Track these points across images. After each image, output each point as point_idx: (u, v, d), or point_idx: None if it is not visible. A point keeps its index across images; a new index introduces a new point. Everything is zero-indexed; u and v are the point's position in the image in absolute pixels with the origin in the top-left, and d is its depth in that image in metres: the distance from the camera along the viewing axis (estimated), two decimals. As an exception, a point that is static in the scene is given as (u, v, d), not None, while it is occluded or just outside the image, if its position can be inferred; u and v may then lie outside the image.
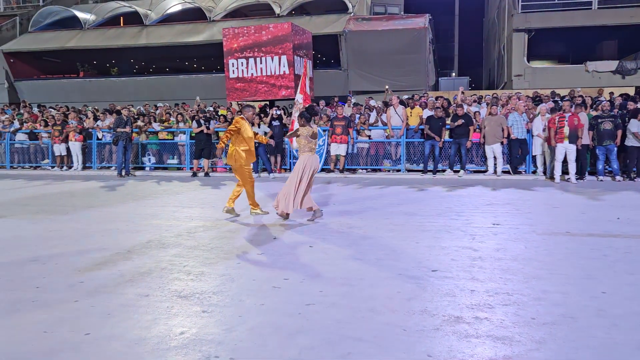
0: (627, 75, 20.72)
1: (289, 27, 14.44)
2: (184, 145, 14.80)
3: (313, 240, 6.01)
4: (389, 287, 4.23)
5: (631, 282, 4.28)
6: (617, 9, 21.03)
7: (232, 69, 14.93)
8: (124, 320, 3.60)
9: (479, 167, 13.03)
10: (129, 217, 7.68)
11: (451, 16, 39.43)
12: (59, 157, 15.60)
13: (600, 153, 11.32)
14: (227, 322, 3.54)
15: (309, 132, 7.07)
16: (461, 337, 3.26)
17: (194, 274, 4.69)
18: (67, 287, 4.35)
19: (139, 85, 25.32)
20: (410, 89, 19.73)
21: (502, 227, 6.53)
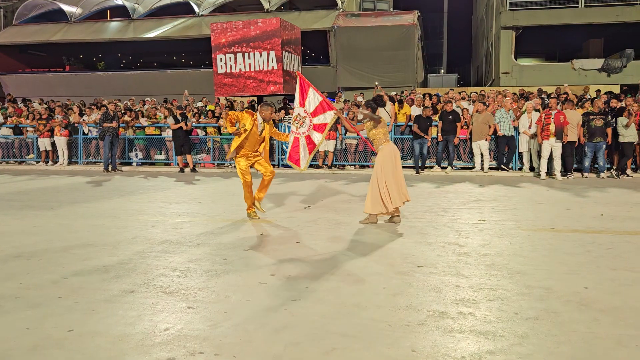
0: (612, 74, 20.95)
1: (277, 23, 14.38)
2: (172, 140, 14.69)
3: (300, 236, 6.01)
4: (375, 283, 4.25)
5: (613, 278, 4.34)
6: (603, 8, 21.24)
7: (220, 64, 14.84)
8: (108, 317, 3.58)
9: (466, 163, 13.11)
10: (115, 212, 7.62)
11: (440, 13, 39.51)
12: (44, 152, 15.42)
13: (589, 150, 11.43)
14: (212, 318, 3.54)
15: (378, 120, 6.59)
16: (445, 332, 3.28)
17: (179, 270, 4.68)
18: (50, 283, 4.31)
19: (126, 80, 25.09)
20: (398, 85, 19.78)
21: (488, 223, 6.59)
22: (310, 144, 7.19)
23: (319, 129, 7.15)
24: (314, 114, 7.16)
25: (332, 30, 21.73)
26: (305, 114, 7.21)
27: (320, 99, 7.13)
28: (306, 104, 7.19)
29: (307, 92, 7.24)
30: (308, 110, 7.20)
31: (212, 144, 14.58)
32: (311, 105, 7.18)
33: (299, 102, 7.28)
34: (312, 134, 7.17)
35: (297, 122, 7.24)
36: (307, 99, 7.20)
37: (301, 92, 7.25)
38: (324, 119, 7.11)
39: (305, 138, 7.19)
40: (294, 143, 7.27)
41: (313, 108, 7.17)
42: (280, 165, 13.97)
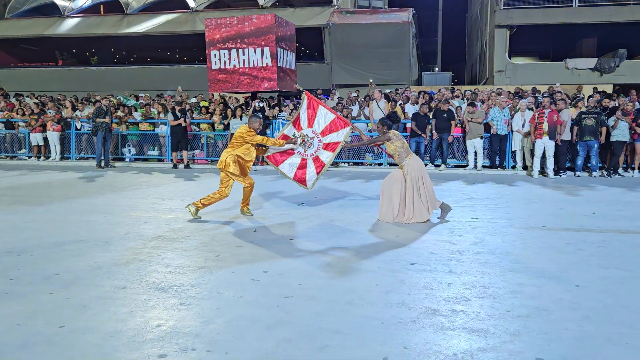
0: (605, 73, 21.06)
1: (272, 19, 14.31)
2: (165, 136, 14.63)
3: (293, 233, 6.01)
4: (368, 280, 4.26)
5: (604, 276, 4.37)
6: (596, 7, 21.34)
7: (215, 60, 14.76)
8: (99, 313, 3.56)
9: (459, 161, 13.15)
10: (107, 208, 7.58)
11: (434, 11, 39.53)
12: (36, 147, 15.30)
13: (580, 149, 11.48)
14: (204, 315, 3.53)
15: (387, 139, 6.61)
16: (437, 329, 3.29)
17: (172, 266, 4.66)
18: (42, 279, 4.28)
19: (119, 75, 24.95)
20: (393, 83, 19.79)
21: (481, 221, 6.61)
22: (319, 164, 7.18)
23: (330, 148, 7.15)
24: (323, 133, 7.16)
25: (327, 27, 21.70)
26: (313, 135, 7.20)
27: (333, 117, 7.12)
28: (314, 124, 7.19)
29: (316, 111, 7.20)
30: (316, 131, 7.19)
31: (205, 140, 14.53)
32: (320, 125, 7.17)
33: (307, 122, 7.23)
34: (320, 154, 7.17)
35: (305, 143, 7.21)
36: (316, 118, 7.18)
37: (309, 112, 7.22)
38: (337, 137, 7.09)
39: (313, 160, 7.19)
40: (300, 163, 7.26)
41: (322, 128, 7.17)
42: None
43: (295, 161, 7.27)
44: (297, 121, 7.39)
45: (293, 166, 7.30)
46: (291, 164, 7.29)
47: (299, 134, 7.25)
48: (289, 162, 7.30)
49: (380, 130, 6.64)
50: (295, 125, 7.36)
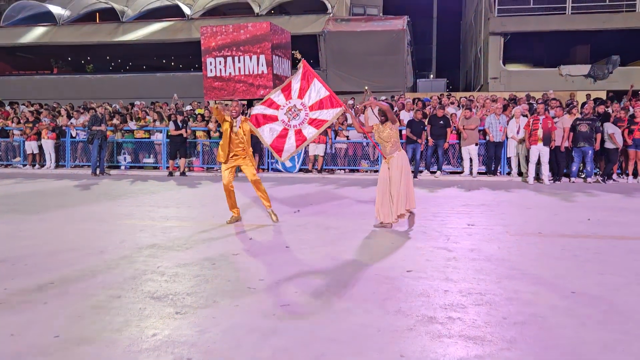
0: (599, 80, 21.20)
1: (267, 27, 14.37)
2: (161, 144, 14.62)
3: (289, 240, 6.00)
4: (364, 288, 4.25)
5: (600, 282, 4.38)
6: (590, 15, 21.52)
7: (210, 68, 14.80)
8: (94, 323, 3.54)
9: (455, 168, 13.19)
10: (103, 216, 7.56)
11: (429, 18, 39.76)
12: (30, 155, 15.26)
13: (575, 155, 11.55)
14: (200, 324, 3.51)
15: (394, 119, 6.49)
16: (434, 337, 3.29)
17: (168, 274, 4.64)
18: (36, 289, 4.25)
19: (114, 83, 24.91)
20: (388, 90, 19.84)
21: (477, 228, 6.62)
22: (300, 138, 6.88)
23: (316, 124, 6.84)
24: (312, 108, 6.81)
25: (322, 35, 21.77)
26: (301, 107, 6.83)
27: (327, 94, 6.78)
28: (305, 96, 6.82)
29: (309, 84, 6.82)
30: (306, 104, 6.82)
31: (201, 148, 14.52)
32: (311, 98, 6.81)
33: (297, 93, 6.82)
34: (304, 128, 6.85)
35: (291, 113, 6.84)
36: (308, 91, 6.81)
37: (302, 83, 6.81)
38: (327, 116, 6.79)
39: (295, 132, 6.87)
40: (281, 132, 6.90)
41: (312, 102, 6.81)
42: (270, 170, 13.95)
43: (276, 128, 6.91)
44: (287, 89, 6.93)
45: (274, 132, 6.94)
46: (272, 129, 6.92)
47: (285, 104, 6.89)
48: (270, 127, 6.93)
49: (385, 107, 6.48)
50: (285, 93, 6.93)
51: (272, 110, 6.89)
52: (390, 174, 6.44)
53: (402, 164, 6.44)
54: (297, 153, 7.25)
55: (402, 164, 6.43)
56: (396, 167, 6.40)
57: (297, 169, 13.69)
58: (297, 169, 13.69)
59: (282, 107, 6.87)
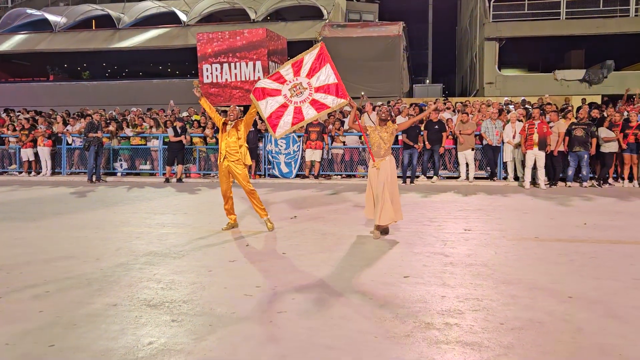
0: (593, 84, 21.31)
1: (263, 33, 14.41)
2: (157, 150, 14.60)
3: (286, 247, 5.98)
4: (361, 294, 4.24)
5: (596, 287, 4.38)
6: (584, 20, 21.65)
7: (207, 74, 14.82)
8: (90, 331, 3.52)
9: (451, 173, 13.21)
10: (99, 224, 7.53)
11: (425, 24, 39.95)
12: (26, 163, 15.21)
13: (571, 159, 11.59)
14: (197, 332, 3.49)
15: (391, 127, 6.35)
16: (431, 343, 3.28)
17: (164, 282, 4.62)
18: (31, 297, 4.23)
19: (110, 90, 24.92)
20: (384, 95, 19.90)
21: (474, 233, 6.62)
22: (298, 116, 6.65)
23: (317, 106, 6.62)
24: (317, 90, 6.60)
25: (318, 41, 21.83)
26: (307, 86, 6.62)
27: (335, 82, 6.58)
28: (314, 77, 6.60)
29: (321, 67, 6.60)
30: (312, 84, 6.60)
31: (198, 154, 14.51)
32: (319, 80, 6.59)
33: (307, 71, 6.60)
34: (304, 107, 6.62)
35: (295, 90, 6.63)
36: (318, 73, 6.59)
37: (315, 63, 6.59)
38: (330, 102, 6.59)
39: (295, 108, 6.63)
40: (280, 106, 6.67)
41: (319, 84, 6.59)
42: (267, 175, 13.94)
43: (276, 102, 6.70)
44: (298, 65, 6.69)
45: (273, 106, 6.72)
46: (272, 102, 6.70)
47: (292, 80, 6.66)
48: (271, 100, 6.72)
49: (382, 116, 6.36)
50: (294, 68, 6.70)
51: (277, 85, 6.67)
52: (378, 178, 6.24)
53: (392, 169, 6.28)
54: (291, 132, 7.09)
55: (391, 168, 6.27)
56: (385, 171, 6.20)
57: (294, 175, 13.69)
58: (294, 175, 13.69)
59: (288, 82, 6.65)
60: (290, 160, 13.68)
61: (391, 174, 6.25)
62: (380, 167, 6.22)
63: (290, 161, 13.68)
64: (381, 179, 6.16)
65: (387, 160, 6.27)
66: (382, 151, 6.30)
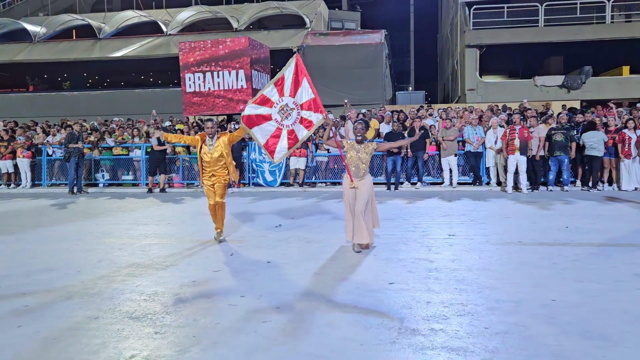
0: (572, 90, 21.68)
1: (246, 42, 14.41)
2: (139, 160, 14.46)
3: (271, 255, 5.95)
4: (347, 301, 4.22)
5: (579, 290, 4.42)
6: (562, 27, 22.06)
7: (189, 83, 14.75)
8: (71, 345, 3.45)
9: (435, 179, 13.29)
10: (80, 236, 7.41)
11: (407, 32, 40.36)
12: (5, 175, 14.95)
13: (552, 164, 11.74)
14: (180, 343, 3.44)
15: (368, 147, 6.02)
16: (417, 349, 3.27)
17: (146, 294, 4.55)
18: (10, 312, 4.13)
19: (92, 100, 24.68)
20: (367, 102, 20.01)
21: (458, 238, 6.66)
22: (292, 139, 6.56)
23: (307, 124, 6.48)
24: (303, 107, 6.44)
25: (301, 49, 21.90)
26: (294, 106, 6.46)
27: (313, 97, 6.40)
28: (297, 94, 6.44)
29: (301, 80, 6.43)
30: (297, 102, 6.45)
31: (181, 163, 14.40)
32: (303, 97, 6.42)
33: (289, 90, 6.44)
34: (297, 129, 6.52)
35: (283, 112, 6.48)
36: (300, 89, 6.42)
37: (294, 78, 6.41)
38: (313, 118, 6.41)
39: (288, 132, 6.53)
40: (275, 132, 6.56)
41: (303, 101, 6.43)
42: (251, 184, 13.88)
43: (270, 128, 6.57)
44: (280, 83, 6.52)
45: (267, 132, 6.61)
46: (266, 128, 6.58)
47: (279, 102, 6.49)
48: (264, 127, 6.58)
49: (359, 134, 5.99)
50: (278, 87, 6.52)
51: (265, 109, 6.53)
52: (357, 198, 5.92)
53: (371, 188, 5.99)
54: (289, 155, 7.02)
55: (370, 187, 5.99)
56: (363, 192, 5.90)
57: (279, 183, 13.65)
58: (279, 183, 13.65)
59: (275, 105, 6.50)
60: (275, 169, 13.64)
61: (370, 192, 5.99)
62: (360, 187, 5.92)
63: (274, 169, 13.65)
64: (360, 196, 5.88)
65: (366, 180, 5.99)
66: (360, 172, 5.95)
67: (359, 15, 31.27)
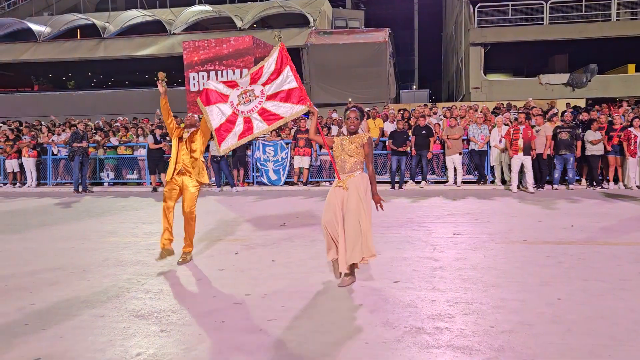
0: (577, 88, 21.59)
1: (250, 41, 14.44)
2: (144, 159, 14.49)
3: (275, 254, 5.95)
4: (351, 300, 4.23)
5: (584, 288, 4.41)
6: (567, 25, 21.95)
7: (193, 82, 14.80)
8: (77, 343, 3.46)
9: (439, 177, 13.27)
10: (85, 234, 7.44)
11: (411, 30, 40.26)
12: (11, 174, 15.02)
13: (557, 162, 11.71)
14: (186, 342, 3.45)
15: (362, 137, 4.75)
16: (422, 347, 3.27)
17: (152, 292, 4.57)
18: (16, 310, 4.16)
19: (96, 99, 24.74)
20: (371, 101, 19.97)
21: (462, 237, 6.64)
22: (247, 129, 5.64)
23: (267, 117, 5.57)
24: (269, 98, 5.56)
25: (305, 48, 21.89)
26: (259, 94, 5.60)
27: (295, 86, 5.47)
28: (270, 84, 5.56)
29: (281, 71, 5.53)
30: (265, 92, 5.57)
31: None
32: (275, 86, 5.55)
33: (265, 79, 5.56)
34: (252, 119, 5.60)
35: (244, 97, 5.62)
36: (278, 80, 5.53)
37: (275, 69, 5.54)
38: (283, 111, 5.50)
39: (244, 120, 5.63)
40: (229, 117, 5.66)
41: (274, 91, 5.56)
42: (255, 183, 13.90)
43: (226, 111, 5.69)
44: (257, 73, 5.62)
45: (221, 115, 5.70)
46: (221, 110, 5.69)
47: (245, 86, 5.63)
48: (219, 108, 5.70)
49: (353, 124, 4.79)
50: (252, 76, 5.63)
51: (227, 89, 5.69)
52: (347, 200, 4.56)
53: (363, 188, 4.60)
54: (236, 147, 6.12)
55: (363, 187, 4.59)
56: (354, 191, 4.55)
57: (283, 182, 13.66)
58: (283, 182, 13.66)
59: (238, 88, 5.67)
60: (279, 167, 13.65)
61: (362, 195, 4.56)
62: (349, 186, 4.58)
63: (278, 168, 13.66)
64: (349, 202, 4.54)
65: (357, 177, 4.64)
66: (346, 165, 4.69)
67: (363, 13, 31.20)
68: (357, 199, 4.53)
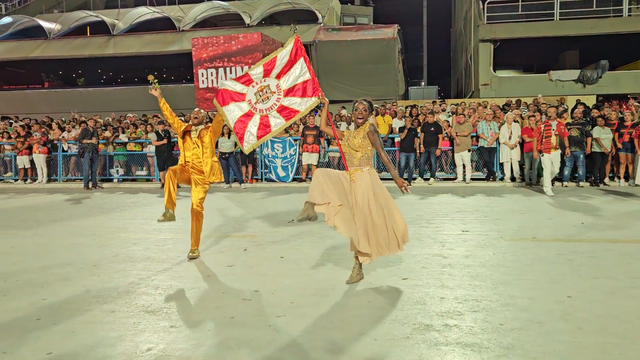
0: (588, 84, 21.39)
1: (258, 37, 14.45)
2: (153, 156, 14.56)
3: (284, 251, 5.97)
4: (360, 297, 4.23)
5: (595, 286, 4.38)
6: (578, 20, 21.75)
7: (202, 79, 14.84)
8: (88, 338, 3.49)
9: (448, 174, 13.23)
10: (96, 230, 7.50)
11: (419, 27, 40.07)
12: (22, 170, 15.16)
13: (567, 160, 11.59)
14: (195, 337, 3.48)
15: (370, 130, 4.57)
16: (431, 345, 3.27)
17: (162, 288, 4.60)
18: (28, 305, 4.20)
19: (106, 96, 24.89)
20: (380, 98, 19.93)
21: (471, 234, 6.62)
22: (264, 128, 5.61)
23: (286, 114, 5.55)
24: (286, 93, 5.54)
25: (314, 45, 21.88)
26: (275, 89, 5.58)
27: (308, 78, 5.44)
28: (285, 76, 5.53)
29: (294, 63, 5.52)
30: (281, 87, 5.56)
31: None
32: (289, 81, 5.51)
33: (278, 71, 5.53)
34: (270, 116, 5.59)
35: (262, 94, 5.60)
36: (288, 72, 5.52)
37: (289, 60, 5.51)
38: (299, 106, 5.49)
39: (261, 117, 5.60)
40: (244, 115, 5.64)
41: (289, 85, 5.52)
42: (264, 180, 13.92)
43: (241, 108, 5.67)
44: (270, 64, 5.60)
45: (238, 113, 5.69)
46: (238, 108, 5.67)
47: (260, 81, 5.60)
48: (236, 106, 5.68)
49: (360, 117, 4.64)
50: (265, 67, 5.61)
51: (242, 87, 5.65)
52: (354, 193, 4.48)
53: (372, 183, 4.49)
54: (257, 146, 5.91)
55: (372, 183, 4.49)
56: (362, 188, 4.45)
57: (291, 179, 13.68)
58: (291, 179, 13.68)
59: (254, 85, 5.62)
60: (287, 164, 13.67)
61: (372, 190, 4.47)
62: (356, 180, 4.50)
63: (287, 165, 13.68)
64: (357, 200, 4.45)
65: (365, 172, 4.53)
66: (354, 160, 4.59)
67: (372, 10, 31.11)
68: (365, 195, 4.44)
